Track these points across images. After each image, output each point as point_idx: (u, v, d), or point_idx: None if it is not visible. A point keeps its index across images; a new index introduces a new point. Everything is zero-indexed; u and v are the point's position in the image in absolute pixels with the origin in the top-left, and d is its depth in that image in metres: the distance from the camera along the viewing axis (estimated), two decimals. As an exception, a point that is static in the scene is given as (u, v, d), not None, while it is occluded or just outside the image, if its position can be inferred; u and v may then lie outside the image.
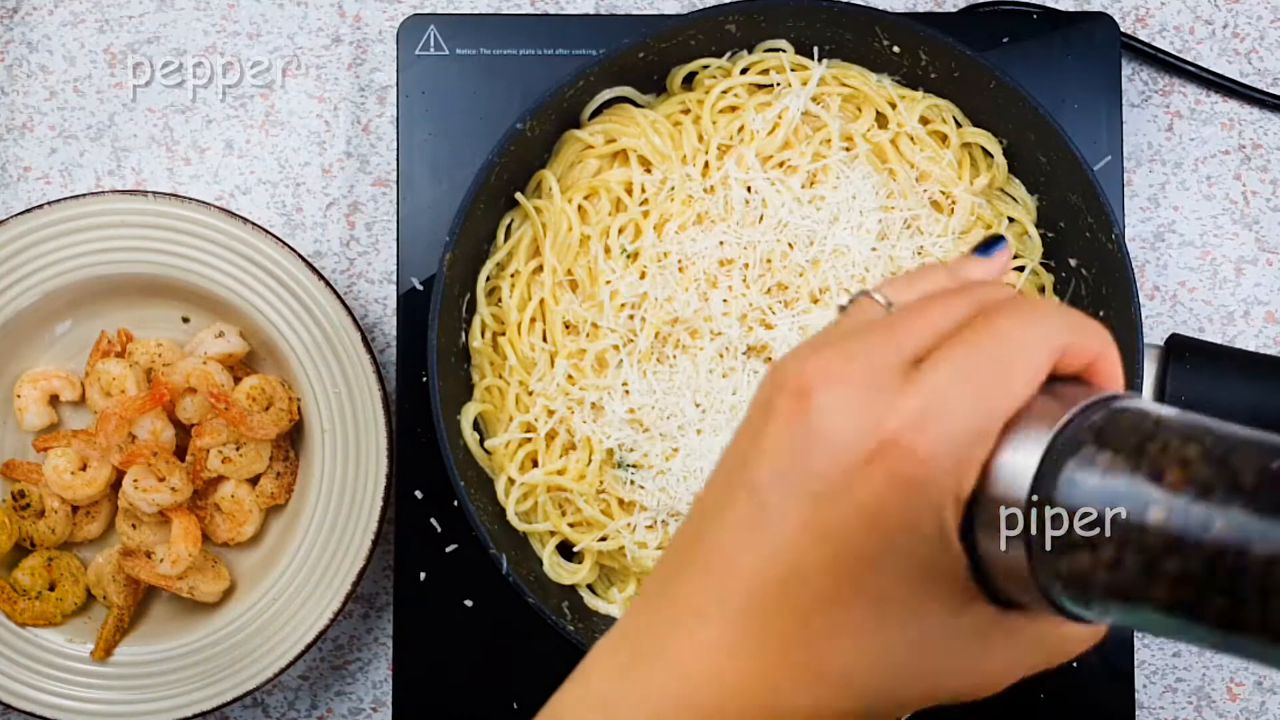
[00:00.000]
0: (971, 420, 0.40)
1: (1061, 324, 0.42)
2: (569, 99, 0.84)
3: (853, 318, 0.45)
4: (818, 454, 0.41)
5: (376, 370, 0.84)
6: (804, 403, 0.41)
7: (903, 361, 0.42)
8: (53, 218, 0.85)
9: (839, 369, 0.42)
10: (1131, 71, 0.93)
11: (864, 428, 0.40)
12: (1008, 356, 0.41)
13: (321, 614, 0.84)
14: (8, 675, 0.85)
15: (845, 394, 0.41)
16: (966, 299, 0.44)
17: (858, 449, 0.40)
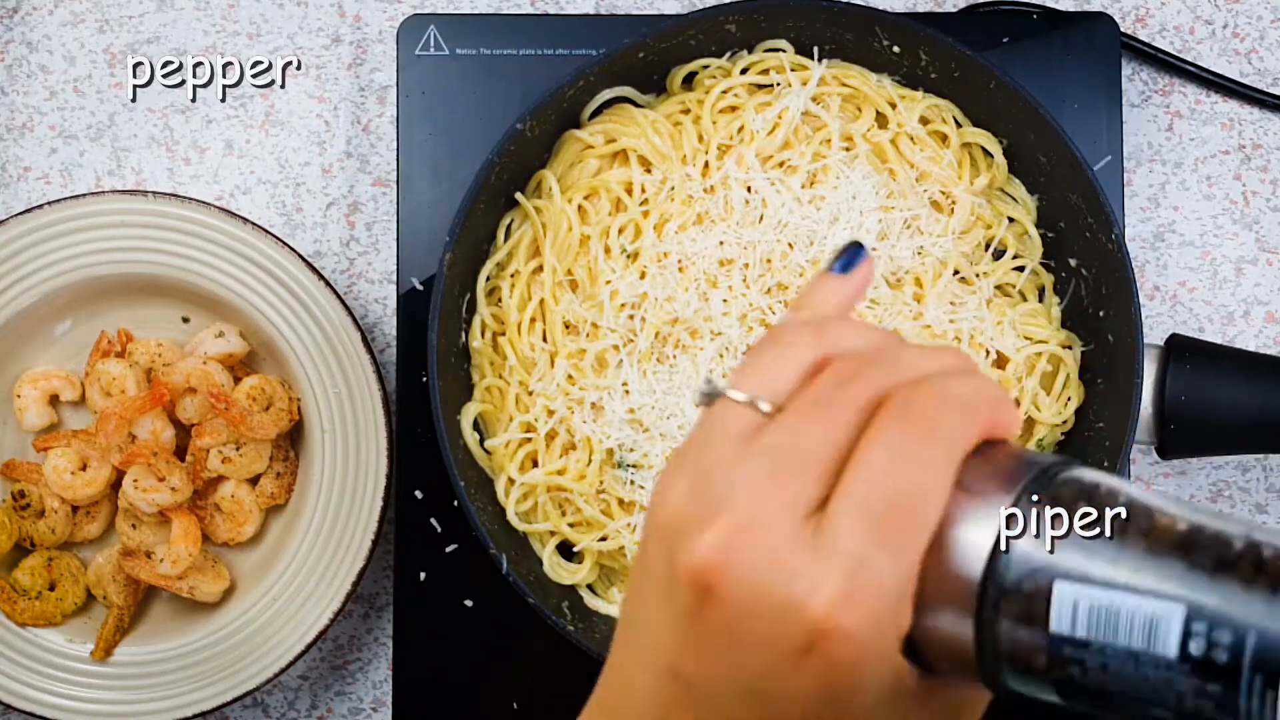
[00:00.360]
0: (893, 573, 0.38)
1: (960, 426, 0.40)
2: (569, 99, 0.84)
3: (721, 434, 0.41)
4: (747, 653, 0.39)
5: (376, 370, 0.84)
6: (711, 599, 0.38)
7: (801, 517, 0.39)
8: (53, 218, 0.85)
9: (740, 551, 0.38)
10: (1131, 71, 0.93)
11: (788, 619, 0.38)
12: (916, 489, 0.38)
13: (321, 614, 0.84)
14: (8, 675, 0.85)
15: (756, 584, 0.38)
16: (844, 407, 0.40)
17: (788, 643, 0.38)
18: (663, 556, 0.40)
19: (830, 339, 0.42)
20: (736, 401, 0.41)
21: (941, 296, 0.83)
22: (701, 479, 0.40)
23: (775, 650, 0.38)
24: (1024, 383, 0.84)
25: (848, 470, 0.39)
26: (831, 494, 0.39)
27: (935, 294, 0.82)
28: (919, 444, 0.39)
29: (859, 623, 0.38)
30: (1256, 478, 0.91)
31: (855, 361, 0.41)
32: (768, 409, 0.41)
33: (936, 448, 0.39)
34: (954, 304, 0.83)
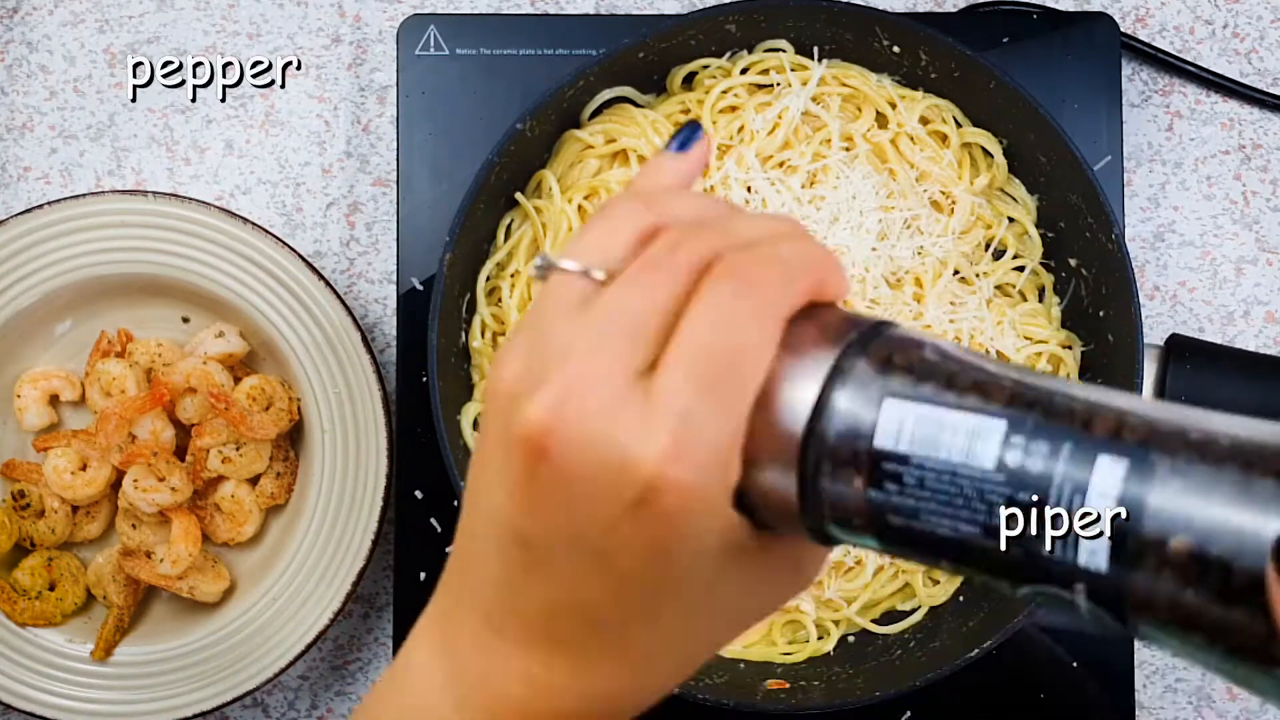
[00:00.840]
0: (721, 429, 0.39)
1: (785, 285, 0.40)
2: (569, 99, 0.84)
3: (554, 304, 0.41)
4: (581, 511, 0.39)
5: (376, 370, 0.84)
6: (544, 459, 0.39)
7: (632, 377, 0.39)
8: (53, 218, 0.85)
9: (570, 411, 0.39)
10: (1131, 71, 0.93)
11: (619, 476, 0.38)
12: (740, 346, 0.39)
13: (321, 614, 0.84)
14: (8, 675, 0.85)
15: (586, 443, 0.39)
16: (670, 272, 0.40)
17: (620, 500, 0.39)
18: (499, 424, 0.41)
19: (659, 208, 0.43)
20: (569, 271, 0.42)
21: (941, 296, 0.83)
22: (535, 346, 0.41)
23: (608, 507, 0.39)
24: (1024, 383, 0.84)
25: (675, 332, 0.39)
26: (659, 356, 0.40)
27: (935, 294, 0.82)
28: (743, 303, 0.39)
29: (687, 476, 0.38)
30: (1256, 478, 0.91)
31: (685, 228, 0.42)
32: (600, 277, 0.41)
33: (760, 306, 0.40)
34: (954, 304, 0.83)
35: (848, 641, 0.86)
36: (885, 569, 0.85)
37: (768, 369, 0.40)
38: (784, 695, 0.83)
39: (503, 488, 0.41)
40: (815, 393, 0.40)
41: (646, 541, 0.39)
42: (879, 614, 0.87)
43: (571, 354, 0.40)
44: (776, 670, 0.85)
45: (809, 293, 0.41)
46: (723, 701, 0.81)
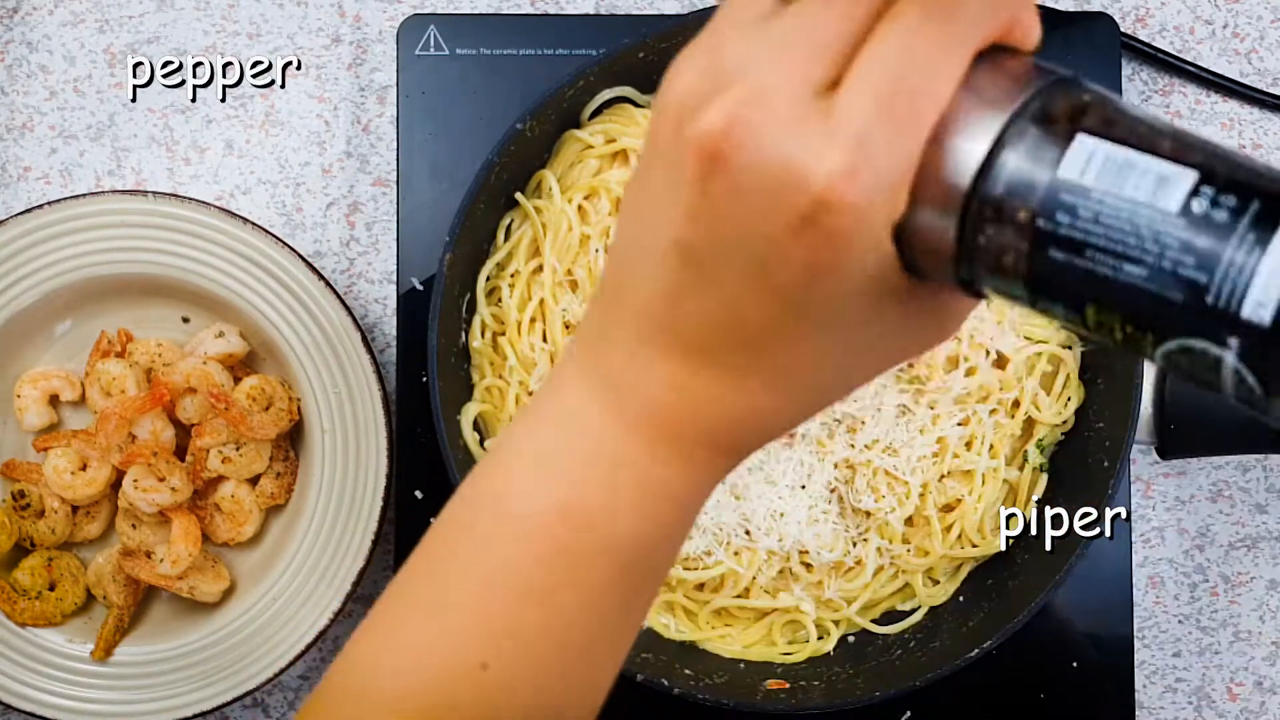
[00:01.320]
0: (898, 151, 0.39)
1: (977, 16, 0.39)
2: (569, 99, 0.84)
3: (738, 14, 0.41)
4: (749, 219, 0.39)
5: (376, 370, 0.84)
6: (719, 166, 0.39)
7: (815, 92, 0.39)
8: (53, 218, 0.85)
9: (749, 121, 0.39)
10: (1131, 71, 0.93)
11: (792, 187, 0.38)
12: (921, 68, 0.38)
13: (321, 614, 0.84)
14: (8, 675, 0.85)
15: (764, 151, 0.39)
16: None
17: (789, 211, 0.39)
18: (670, 131, 0.41)
19: None
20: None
21: (941, 296, 0.82)
22: (713, 57, 0.41)
23: (777, 218, 0.39)
24: (1024, 383, 0.84)
25: (861, 51, 0.39)
26: (843, 75, 0.39)
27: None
28: (934, 28, 0.39)
29: (858, 197, 0.38)
30: (1256, 478, 0.91)
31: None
32: None
33: (949, 34, 0.39)
34: (954, 304, 0.83)
35: (848, 641, 0.86)
36: (885, 569, 0.85)
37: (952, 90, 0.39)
38: (784, 695, 0.83)
39: (670, 198, 0.41)
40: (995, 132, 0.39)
41: (807, 257, 0.39)
42: (879, 614, 0.87)
43: (751, 65, 0.39)
44: (776, 670, 0.85)
45: (1000, 29, 0.40)
46: (723, 701, 0.81)
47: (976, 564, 0.86)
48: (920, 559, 0.85)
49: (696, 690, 0.81)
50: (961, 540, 0.85)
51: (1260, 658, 0.91)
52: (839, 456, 0.83)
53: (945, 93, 0.39)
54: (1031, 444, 0.85)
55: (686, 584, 0.83)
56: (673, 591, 0.84)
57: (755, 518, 0.81)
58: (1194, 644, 0.91)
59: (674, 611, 0.85)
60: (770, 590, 0.85)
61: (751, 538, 0.82)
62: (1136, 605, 0.89)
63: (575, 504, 0.45)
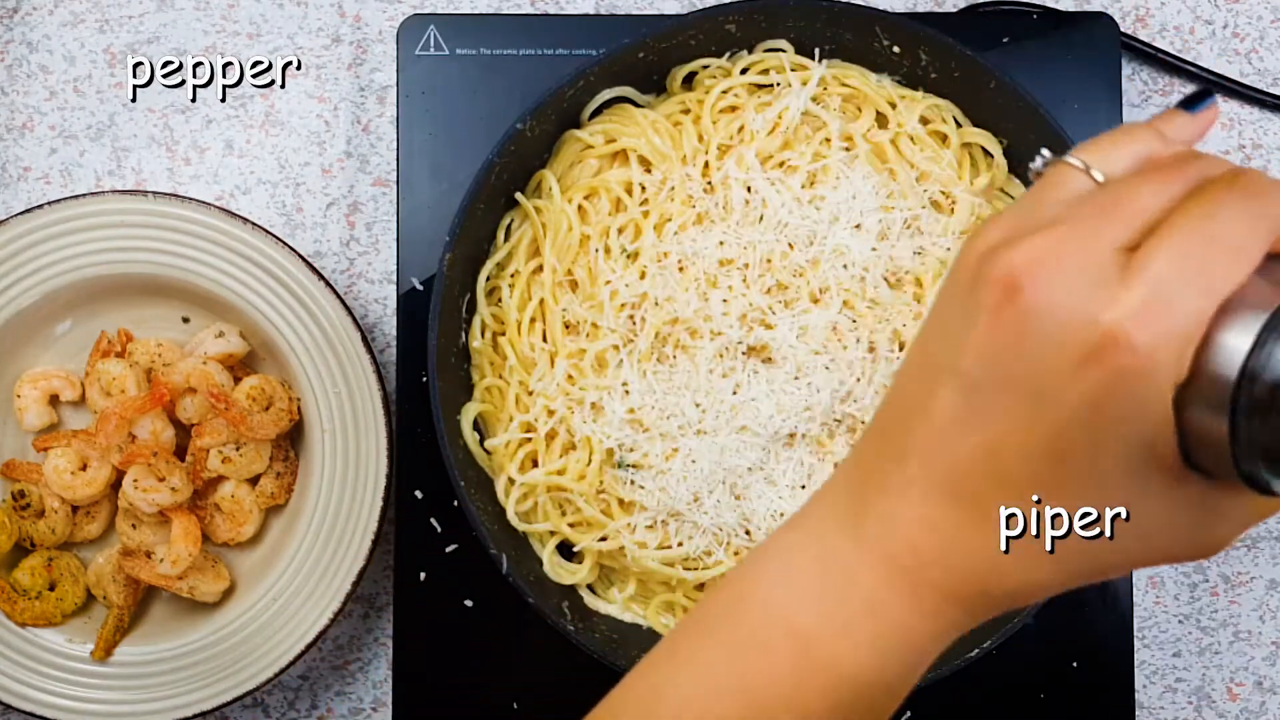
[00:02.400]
0: (1190, 309, 0.40)
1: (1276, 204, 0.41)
2: (569, 99, 0.84)
3: (1052, 191, 0.44)
4: (1035, 352, 0.41)
5: (376, 370, 0.84)
6: (1015, 297, 0.41)
7: (1117, 250, 0.41)
8: (53, 218, 0.85)
9: (1052, 262, 0.41)
10: (1131, 71, 0.93)
11: (1082, 325, 0.40)
12: (1224, 241, 0.40)
13: (321, 614, 0.84)
14: (8, 675, 0.85)
15: (1061, 290, 0.40)
16: (1179, 176, 0.42)
17: (1076, 347, 0.40)
18: (973, 267, 0.42)
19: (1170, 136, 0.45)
20: (1073, 166, 0.44)
21: (941, 296, 0.83)
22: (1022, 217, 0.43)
23: (1063, 351, 0.40)
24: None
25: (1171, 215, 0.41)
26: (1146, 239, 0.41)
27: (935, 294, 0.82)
28: (1243, 204, 0.41)
29: (1147, 340, 0.40)
30: (1256, 478, 0.91)
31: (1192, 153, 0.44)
32: (1100, 178, 0.44)
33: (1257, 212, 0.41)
34: (954, 304, 0.83)
35: (848, 641, 0.86)
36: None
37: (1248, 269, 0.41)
38: (784, 695, 0.83)
39: (961, 326, 0.42)
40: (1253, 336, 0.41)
41: (1086, 397, 0.40)
42: (879, 614, 0.87)
43: (1060, 221, 0.41)
44: (776, 670, 0.85)
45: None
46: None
47: (976, 564, 0.86)
48: (920, 559, 0.85)
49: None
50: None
51: (1260, 658, 0.91)
52: (839, 456, 0.83)
53: (1241, 269, 0.41)
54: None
55: (686, 584, 0.83)
56: (673, 591, 0.84)
57: (755, 518, 0.81)
58: (1194, 644, 0.91)
59: (674, 611, 0.85)
60: (770, 590, 0.85)
61: (751, 538, 0.82)
62: (1136, 605, 0.89)
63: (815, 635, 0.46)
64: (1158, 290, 0.40)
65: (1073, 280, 0.40)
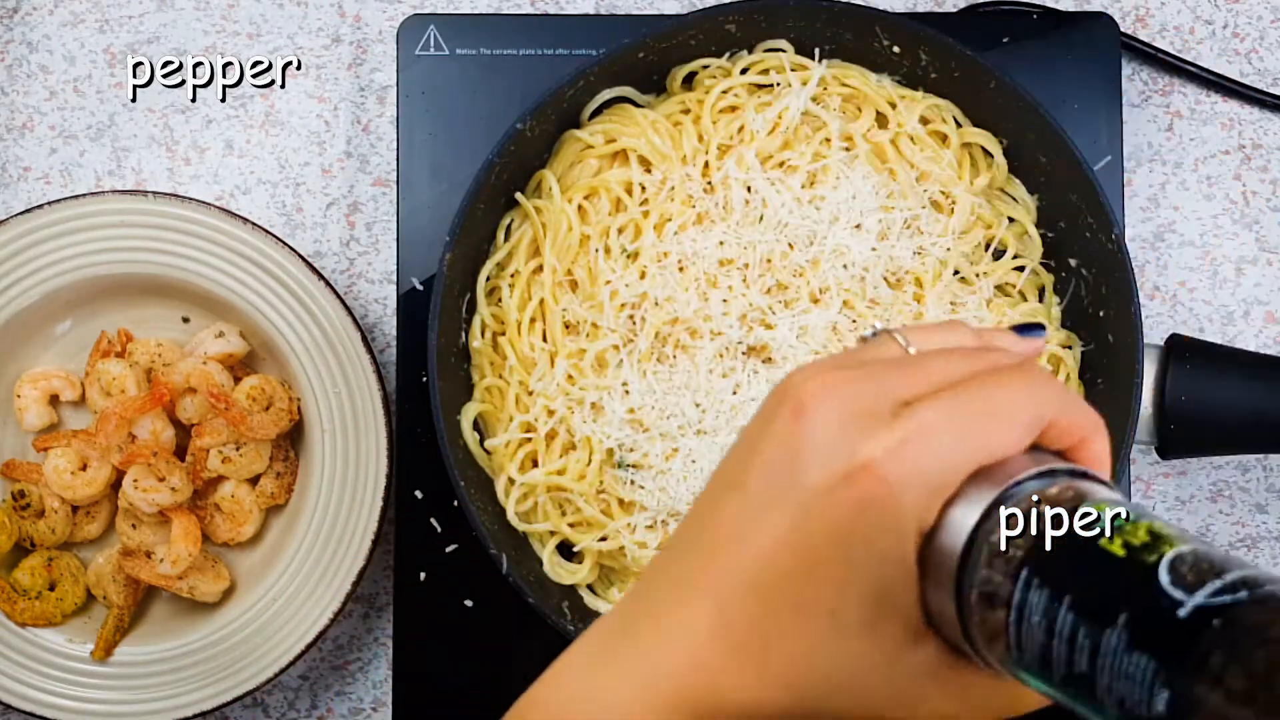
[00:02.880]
0: (944, 460, 0.43)
1: (1054, 397, 0.45)
2: (569, 99, 0.84)
3: (869, 350, 0.48)
4: (803, 468, 0.44)
5: (376, 370, 0.84)
6: (800, 417, 0.44)
7: (898, 398, 0.44)
8: (53, 218, 0.85)
9: (837, 392, 0.44)
10: (1131, 71, 0.93)
11: (848, 449, 0.43)
12: (992, 411, 0.44)
13: (321, 614, 0.84)
14: (8, 675, 0.85)
15: (837, 415, 0.44)
16: (977, 359, 0.46)
17: (835, 469, 0.43)
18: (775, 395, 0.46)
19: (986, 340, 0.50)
20: (894, 338, 0.48)
21: (941, 297, 0.83)
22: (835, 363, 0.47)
23: (825, 472, 0.43)
24: (1024, 383, 0.84)
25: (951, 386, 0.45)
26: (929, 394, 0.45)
27: (935, 294, 0.82)
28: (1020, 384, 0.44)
29: (897, 475, 0.42)
30: (1256, 478, 0.91)
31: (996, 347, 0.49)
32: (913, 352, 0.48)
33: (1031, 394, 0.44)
34: (954, 304, 0.83)
35: (848, 641, 0.86)
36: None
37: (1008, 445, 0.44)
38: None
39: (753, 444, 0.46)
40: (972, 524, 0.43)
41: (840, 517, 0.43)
42: (879, 614, 0.87)
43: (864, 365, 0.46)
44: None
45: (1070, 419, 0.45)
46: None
47: (976, 564, 0.86)
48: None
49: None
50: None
51: (1260, 658, 0.90)
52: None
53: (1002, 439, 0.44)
54: (1031, 444, 0.85)
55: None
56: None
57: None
58: (1194, 644, 0.90)
59: (674, 611, 0.85)
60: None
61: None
62: (1136, 605, 0.89)
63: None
64: (918, 435, 0.43)
65: (850, 410, 0.44)
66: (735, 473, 0.46)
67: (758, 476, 0.45)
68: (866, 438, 0.43)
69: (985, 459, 0.43)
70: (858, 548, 0.43)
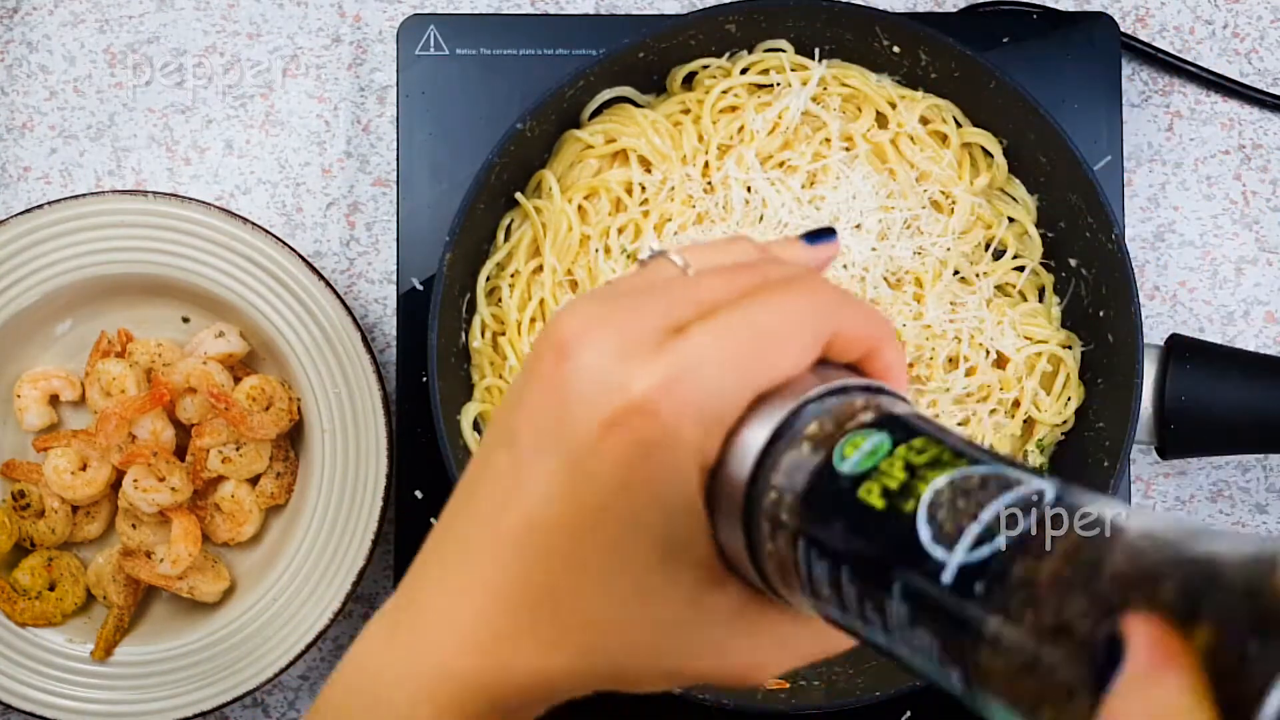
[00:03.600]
0: (720, 388, 0.40)
1: (835, 308, 0.41)
2: (569, 99, 0.84)
3: (644, 275, 0.44)
4: (570, 415, 0.40)
5: (376, 370, 0.84)
6: (563, 361, 0.41)
7: (665, 326, 0.41)
8: (53, 218, 0.85)
9: (598, 328, 0.41)
10: (1131, 71, 0.93)
11: (613, 389, 0.40)
12: (770, 329, 0.40)
13: (321, 614, 0.84)
14: (8, 675, 0.85)
15: (600, 352, 0.40)
16: (753, 273, 0.42)
17: (605, 411, 0.40)
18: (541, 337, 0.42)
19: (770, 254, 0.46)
20: (669, 258, 0.44)
21: (941, 297, 0.83)
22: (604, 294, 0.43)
23: (593, 414, 0.40)
24: (1024, 383, 0.84)
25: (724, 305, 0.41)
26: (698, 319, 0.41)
27: (935, 294, 0.82)
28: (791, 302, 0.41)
29: (671, 408, 0.39)
30: (1256, 478, 0.91)
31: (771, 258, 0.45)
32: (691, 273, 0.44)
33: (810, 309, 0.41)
34: (954, 304, 0.83)
35: (848, 641, 0.86)
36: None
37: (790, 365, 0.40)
38: (784, 695, 0.83)
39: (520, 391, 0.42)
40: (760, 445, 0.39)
41: (613, 462, 0.40)
42: (879, 614, 0.87)
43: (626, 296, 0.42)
44: (776, 670, 0.85)
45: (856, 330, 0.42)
46: (723, 701, 0.81)
47: (976, 564, 0.86)
48: (920, 559, 0.85)
49: (696, 690, 0.81)
50: (961, 540, 0.85)
51: (1260, 658, 0.90)
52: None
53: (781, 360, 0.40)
54: (1032, 444, 0.85)
55: (686, 584, 0.83)
56: (673, 591, 0.84)
57: (755, 518, 0.81)
58: (1194, 644, 0.90)
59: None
60: (770, 590, 0.85)
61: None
62: (1136, 605, 0.89)
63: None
64: (691, 363, 0.39)
65: (612, 345, 0.40)
66: (503, 428, 0.43)
67: (526, 429, 0.41)
68: (634, 373, 0.39)
69: (765, 383, 0.40)
70: (638, 494, 0.40)
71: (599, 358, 0.40)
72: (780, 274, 0.42)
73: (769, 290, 0.41)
